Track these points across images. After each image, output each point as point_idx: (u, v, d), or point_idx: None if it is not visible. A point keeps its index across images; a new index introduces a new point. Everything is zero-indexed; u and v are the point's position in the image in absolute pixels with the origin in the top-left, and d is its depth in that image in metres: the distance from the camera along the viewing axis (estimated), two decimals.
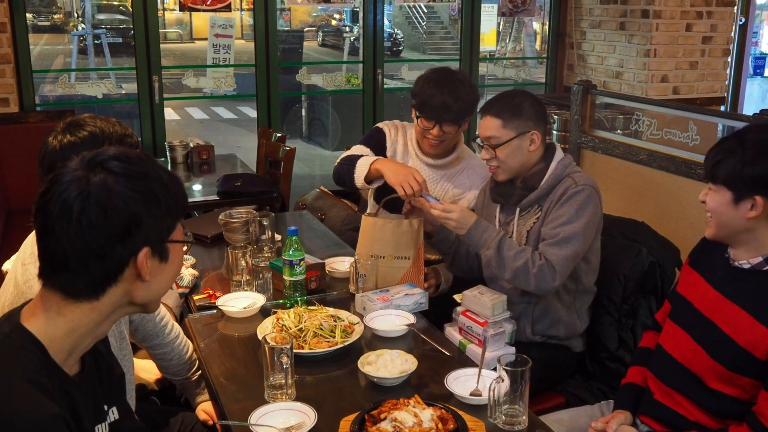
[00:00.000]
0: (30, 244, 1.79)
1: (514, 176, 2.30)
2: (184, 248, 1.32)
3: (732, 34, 5.50)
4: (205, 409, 2.05)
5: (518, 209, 2.31)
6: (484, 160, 2.32)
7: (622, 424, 1.84)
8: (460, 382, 1.81)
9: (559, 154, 2.30)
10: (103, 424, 1.29)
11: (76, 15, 13.50)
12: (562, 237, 2.14)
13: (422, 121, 2.60)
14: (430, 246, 2.51)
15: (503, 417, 1.67)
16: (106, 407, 1.31)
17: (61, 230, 1.13)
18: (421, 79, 2.63)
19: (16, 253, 1.83)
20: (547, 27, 6.08)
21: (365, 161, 2.59)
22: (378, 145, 2.78)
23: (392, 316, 2.18)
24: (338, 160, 2.74)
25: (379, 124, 2.86)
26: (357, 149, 2.77)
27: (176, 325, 2.09)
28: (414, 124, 2.70)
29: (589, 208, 2.17)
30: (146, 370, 2.20)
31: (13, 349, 1.14)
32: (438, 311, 2.33)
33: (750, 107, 7.34)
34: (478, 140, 2.31)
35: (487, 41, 6.59)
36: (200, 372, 2.09)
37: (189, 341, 2.12)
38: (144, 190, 1.17)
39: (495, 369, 1.71)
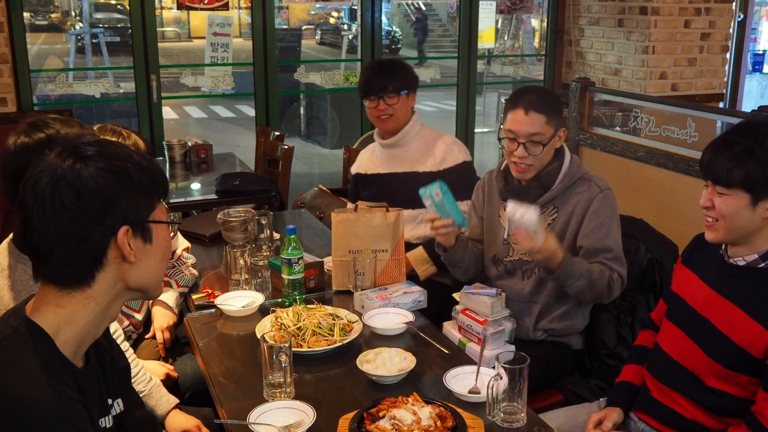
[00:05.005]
0: None
1: (537, 173, 2.27)
2: (171, 233, 1.31)
3: (730, 31, 5.50)
4: (181, 425, 1.93)
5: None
6: (518, 157, 2.21)
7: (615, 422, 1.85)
8: (459, 380, 1.81)
9: (568, 152, 2.30)
10: (107, 417, 1.30)
11: (73, 14, 13.48)
12: (616, 249, 2.19)
13: (369, 103, 2.86)
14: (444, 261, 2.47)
15: (502, 414, 1.67)
16: (110, 400, 1.32)
17: (39, 219, 1.14)
18: (361, 73, 3.02)
19: None
20: (545, 24, 6.07)
21: None
22: (356, 188, 3.04)
23: (391, 315, 2.19)
24: None
25: (353, 166, 3.14)
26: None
27: (125, 343, 2.03)
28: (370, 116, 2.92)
29: (616, 210, 2.27)
30: (150, 370, 2.19)
31: (24, 342, 1.15)
32: (436, 309, 2.33)
33: (749, 104, 7.33)
34: (504, 136, 2.23)
35: (486, 38, 6.56)
36: (153, 383, 1.98)
37: (138, 359, 2.03)
38: (115, 169, 1.17)
39: (494, 367, 1.71)
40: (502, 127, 2.29)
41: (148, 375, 1.99)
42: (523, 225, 2.01)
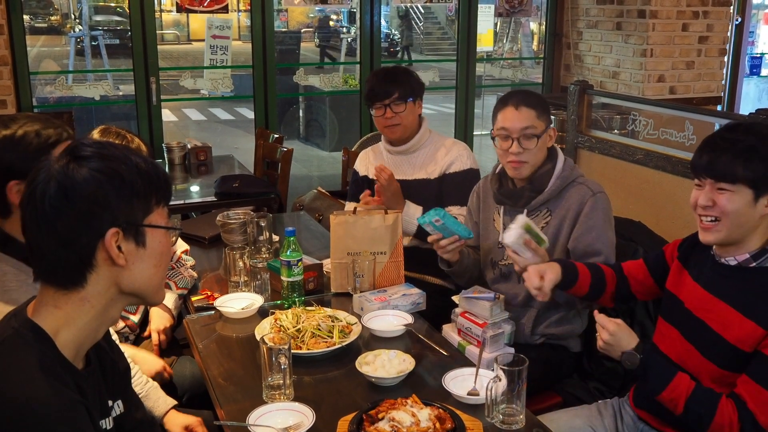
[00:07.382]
0: None
1: (531, 175, 2.29)
2: (173, 238, 1.28)
3: (728, 34, 5.51)
4: (182, 422, 1.93)
5: (525, 211, 2.31)
6: (514, 153, 2.23)
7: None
8: (458, 382, 1.82)
9: (561, 155, 2.31)
10: (108, 418, 1.30)
11: (73, 17, 13.50)
12: (606, 252, 2.19)
13: (375, 111, 2.85)
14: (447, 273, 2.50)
15: (501, 416, 1.67)
16: (110, 402, 1.32)
17: (31, 217, 1.15)
18: (365, 81, 2.99)
19: None
20: (543, 27, 6.09)
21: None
22: (359, 188, 2.93)
23: (390, 317, 2.19)
24: None
25: (356, 164, 3.10)
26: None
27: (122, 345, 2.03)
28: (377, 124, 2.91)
29: (609, 213, 2.26)
30: (147, 361, 2.17)
31: (25, 343, 1.15)
32: (436, 312, 2.33)
33: (746, 107, 7.35)
34: (497, 135, 2.27)
35: (484, 41, 6.58)
36: (150, 385, 1.99)
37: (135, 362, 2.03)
38: (107, 170, 1.16)
39: (493, 369, 1.71)
40: (494, 128, 2.30)
41: (144, 378, 2.00)
42: (510, 245, 2.08)
